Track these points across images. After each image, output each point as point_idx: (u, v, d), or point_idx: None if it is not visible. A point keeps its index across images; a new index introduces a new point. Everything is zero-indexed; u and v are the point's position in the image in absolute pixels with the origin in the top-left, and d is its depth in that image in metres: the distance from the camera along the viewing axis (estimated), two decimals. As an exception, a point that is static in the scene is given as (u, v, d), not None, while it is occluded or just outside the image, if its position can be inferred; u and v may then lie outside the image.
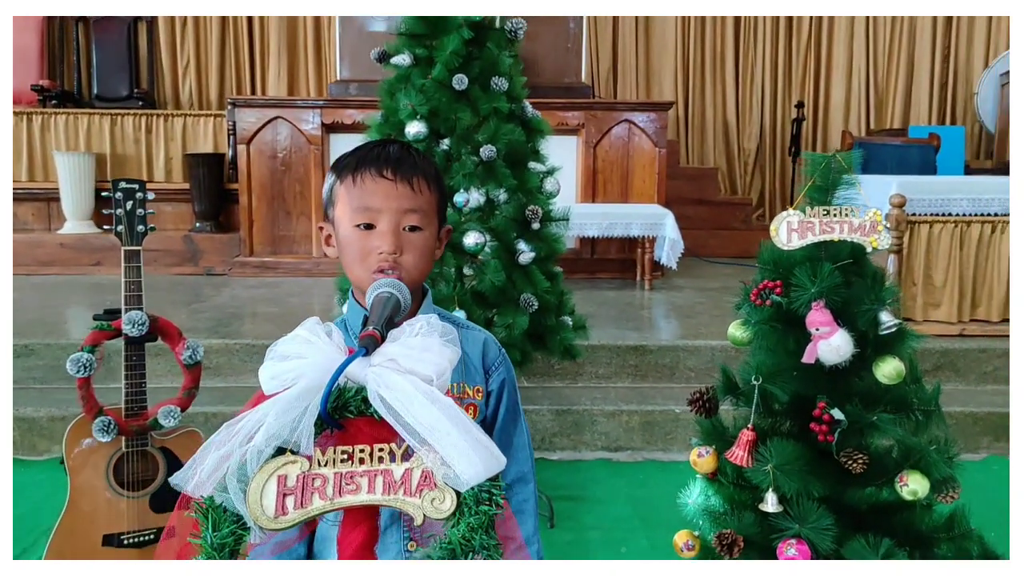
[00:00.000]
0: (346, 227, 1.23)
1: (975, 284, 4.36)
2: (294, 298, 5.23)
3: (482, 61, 3.03)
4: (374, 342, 0.95)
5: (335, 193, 1.26)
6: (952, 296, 4.33)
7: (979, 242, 4.29)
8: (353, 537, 0.88)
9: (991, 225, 4.29)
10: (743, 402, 1.69)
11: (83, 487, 2.23)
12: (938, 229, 4.28)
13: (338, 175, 1.25)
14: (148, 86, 7.57)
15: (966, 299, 4.35)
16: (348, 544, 0.88)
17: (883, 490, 1.65)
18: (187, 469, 0.90)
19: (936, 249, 4.30)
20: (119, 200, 2.30)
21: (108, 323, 2.25)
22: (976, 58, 8.17)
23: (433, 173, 1.27)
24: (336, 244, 1.28)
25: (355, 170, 1.22)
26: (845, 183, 1.62)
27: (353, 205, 1.22)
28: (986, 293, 4.37)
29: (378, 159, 1.23)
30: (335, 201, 1.26)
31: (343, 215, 1.23)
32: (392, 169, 1.22)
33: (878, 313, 1.57)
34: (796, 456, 1.52)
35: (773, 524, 1.57)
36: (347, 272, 1.26)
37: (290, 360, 0.94)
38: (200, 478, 0.88)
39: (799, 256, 1.65)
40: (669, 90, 8.04)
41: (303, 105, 5.93)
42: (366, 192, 1.21)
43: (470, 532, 0.82)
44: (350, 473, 0.88)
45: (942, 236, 4.28)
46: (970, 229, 4.31)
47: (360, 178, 1.22)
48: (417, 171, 1.23)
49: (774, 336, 1.62)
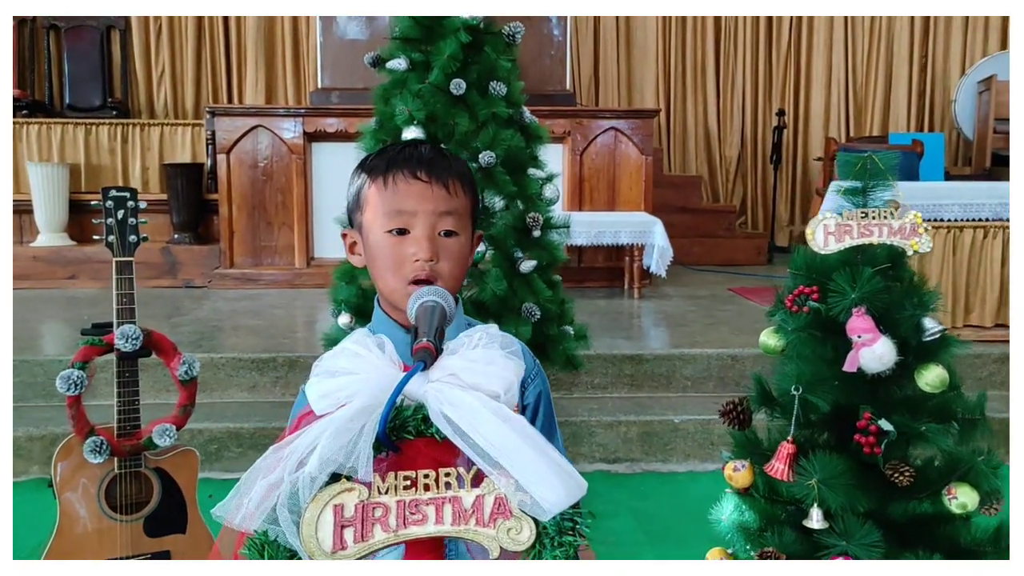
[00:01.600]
0: (377, 233, 1.14)
1: (968, 289, 4.35)
2: (278, 310, 5.11)
3: (480, 65, 2.97)
4: (431, 355, 0.86)
5: (363, 197, 1.17)
6: (945, 301, 4.31)
7: (971, 247, 4.28)
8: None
9: (983, 230, 4.28)
10: (778, 413, 1.62)
11: (73, 511, 2.12)
12: (930, 234, 4.25)
13: (367, 177, 1.17)
14: (122, 95, 7.41)
15: (959, 304, 4.34)
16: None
17: (924, 503, 1.58)
18: (231, 499, 0.81)
19: (928, 254, 4.27)
20: (110, 209, 2.20)
21: (99, 338, 2.14)
22: (953, 66, 8.23)
23: (467, 175, 1.19)
24: (364, 252, 1.20)
25: (386, 171, 1.14)
26: (883, 184, 1.56)
27: (385, 209, 1.13)
28: (979, 298, 4.36)
29: (411, 159, 1.14)
30: (363, 206, 1.17)
31: (373, 220, 1.15)
32: (426, 170, 1.13)
33: (921, 319, 1.51)
34: (842, 470, 1.45)
35: (817, 541, 1.50)
36: (377, 281, 1.17)
37: (339, 377, 0.85)
38: (248, 509, 0.79)
39: (834, 261, 1.59)
40: (651, 98, 8.02)
41: (284, 113, 5.82)
42: (399, 195, 1.13)
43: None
44: (414, 501, 0.79)
45: (934, 241, 4.27)
46: (962, 234, 4.30)
47: (392, 180, 1.13)
48: (452, 172, 1.15)
49: (812, 344, 1.55)
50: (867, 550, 1.45)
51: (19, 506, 3.23)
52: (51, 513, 2.16)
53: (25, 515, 3.15)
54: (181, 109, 7.59)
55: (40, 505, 3.19)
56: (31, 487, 3.42)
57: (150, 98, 7.61)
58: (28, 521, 3.10)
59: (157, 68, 7.59)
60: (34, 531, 2.88)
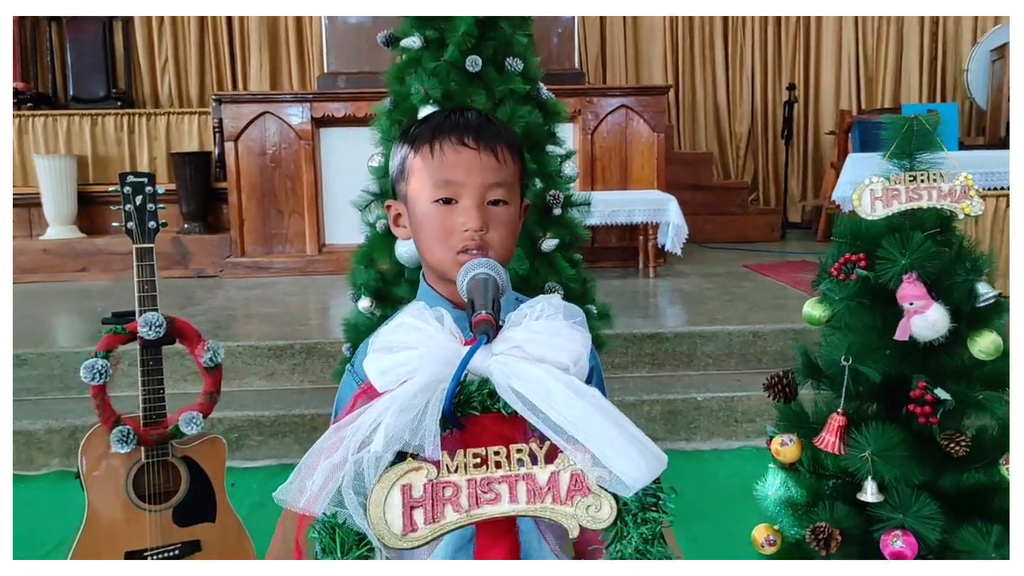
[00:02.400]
0: (424, 203, 1.10)
1: (990, 257, 4.29)
2: (291, 297, 5.08)
3: (495, 41, 2.90)
4: (491, 328, 0.82)
5: (408, 167, 1.12)
6: (998, 265, 4.26)
7: (994, 216, 4.22)
8: (495, 554, 0.75)
9: (1005, 199, 4.22)
10: (825, 385, 1.58)
11: (102, 502, 2.09)
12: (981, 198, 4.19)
13: (411, 146, 1.12)
14: (126, 85, 7.36)
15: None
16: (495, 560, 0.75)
17: (978, 474, 1.54)
18: (292, 482, 0.77)
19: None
20: (128, 195, 2.15)
21: (122, 326, 2.10)
22: (964, 34, 8.13)
23: (516, 142, 1.14)
24: (409, 223, 1.15)
25: (432, 139, 1.09)
26: (931, 146, 1.51)
27: (432, 179, 1.09)
28: (1001, 268, 4.30)
29: (457, 126, 1.09)
30: (408, 176, 1.13)
31: (419, 190, 1.10)
32: (474, 137, 1.09)
33: (974, 284, 1.47)
34: (897, 441, 1.41)
35: (871, 515, 1.46)
36: (424, 253, 1.13)
37: (398, 352, 0.81)
38: (312, 492, 0.75)
39: (881, 227, 1.54)
40: (659, 75, 7.93)
41: (291, 99, 5.76)
42: (446, 163, 1.08)
43: (644, 544, 0.70)
44: (486, 480, 0.75)
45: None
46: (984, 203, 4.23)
47: (439, 148, 1.08)
48: (500, 139, 1.10)
49: (861, 313, 1.51)
50: (923, 522, 1.41)
51: (40, 499, 3.22)
52: (74, 506, 2.13)
53: (47, 508, 3.13)
54: (186, 98, 7.54)
55: (62, 498, 3.18)
56: (52, 480, 3.40)
57: (154, 87, 7.56)
58: (51, 514, 3.08)
59: (160, 58, 7.53)
60: (59, 524, 2.86)
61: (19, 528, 2.85)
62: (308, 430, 3.61)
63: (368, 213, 3.07)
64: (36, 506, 3.15)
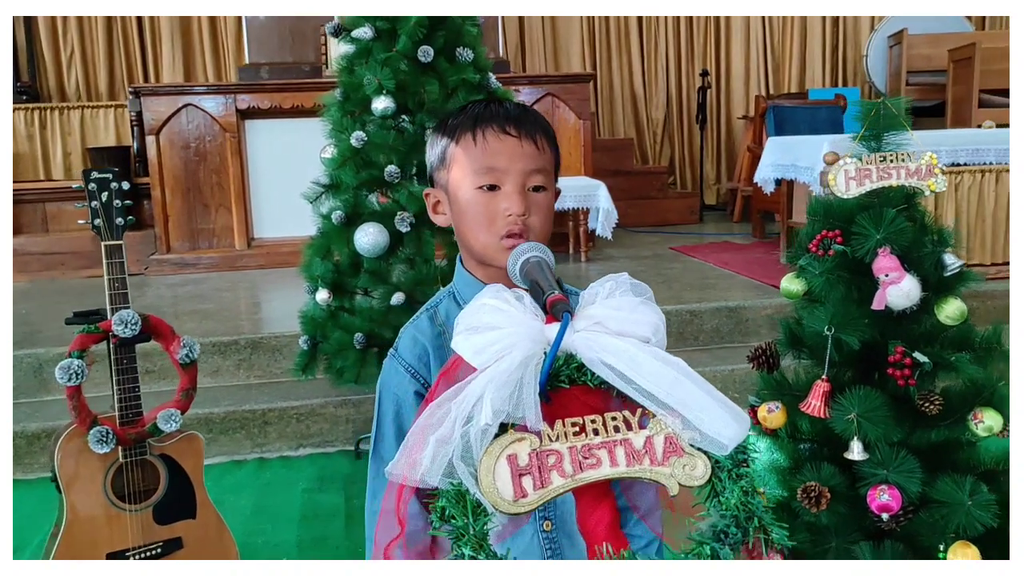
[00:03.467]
0: (467, 190, 1.14)
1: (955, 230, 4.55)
2: (225, 293, 4.99)
3: (446, 32, 2.94)
4: (568, 306, 0.88)
5: (449, 155, 1.17)
6: (961, 237, 4.49)
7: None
8: (599, 516, 0.81)
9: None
10: (806, 355, 1.68)
11: (80, 504, 2.05)
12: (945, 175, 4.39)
13: (452, 136, 1.16)
14: (29, 78, 7.06)
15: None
16: (597, 524, 0.81)
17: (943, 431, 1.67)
18: (400, 459, 0.81)
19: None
20: (93, 192, 2.11)
21: (95, 325, 2.07)
22: (863, 22, 8.50)
23: (551, 131, 1.20)
24: (449, 210, 1.19)
25: (475, 128, 1.14)
26: (896, 128, 1.62)
27: (475, 166, 1.13)
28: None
29: (498, 116, 1.14)
30: (449, 164, 1.17)
31: (462, 177, 1.15)
32: (515, 126, 1.14)
33: (941, 255, 1.59)
34: (879, 403, 1.52)
35: (856, 473, 1.57)
36: (466, 238, 1.17)
37: (485, 332, 0.86)
38: (424, 466, 0.79)
39: (853, 205, 1.65)
40: (577, 65, 8.06)
41: (215, 91, 5.64)
42: (489, 151, 1.13)
43: (745, 497, 0.76)
44: (586, 446, 0.81)
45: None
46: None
47: (482, 136, 1.13)
48: (539, 128, 1.16)
49: (839, 286, 1.62)
50: (905, 476, 1.53)
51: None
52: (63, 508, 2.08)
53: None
54: (95, 91, 7.27)
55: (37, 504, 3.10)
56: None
57: (60, 81, 7.26)
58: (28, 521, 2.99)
59: (66, 50, 7.24)
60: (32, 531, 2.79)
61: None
62: (260, 424, 3.58)
63: (320, 204, 3.06)
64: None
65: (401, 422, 1.16)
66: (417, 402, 1.14)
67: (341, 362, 2.93)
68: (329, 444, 3.61)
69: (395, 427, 1.16)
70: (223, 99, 5.57)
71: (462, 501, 0.76)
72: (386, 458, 1.14)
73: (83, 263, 5.62)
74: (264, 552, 2.74)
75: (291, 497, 3.19)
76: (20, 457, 3.40)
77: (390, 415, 1.17)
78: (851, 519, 1.60)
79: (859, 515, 1.60)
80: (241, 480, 3.33)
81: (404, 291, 2.84)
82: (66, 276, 5.53)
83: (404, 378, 1.17)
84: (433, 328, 1.20)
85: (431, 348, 1.18)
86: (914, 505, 1.55)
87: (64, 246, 5.61)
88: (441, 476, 0.79)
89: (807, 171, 4.68)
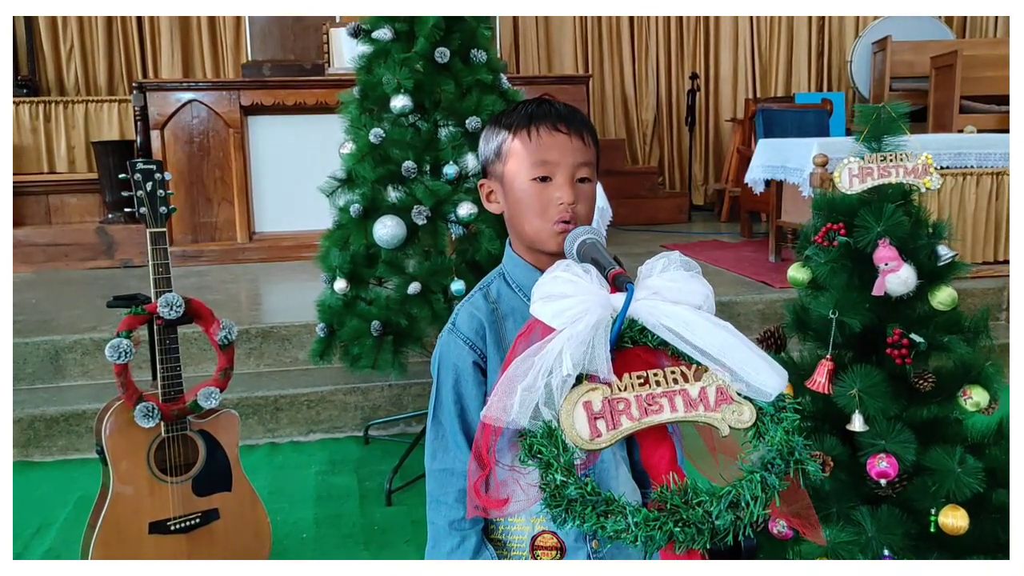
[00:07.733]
0: (522, 180, 1.28)
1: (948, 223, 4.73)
2: (230, 284, 5.10)
3: (461, 34, 3.08)
4: (629, 279, 1.03)
5: (506, 149, 1.30)
6: (954, 231, 4.66)
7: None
8: (661, 454, 0.96)
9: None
10: (811, 336, 1.84)
11: (126, 476, 2.18)
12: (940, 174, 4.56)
13: (509, 131, 1.30)
14: (29, 72, 7.13)
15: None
16: (659, 460, 0.96)
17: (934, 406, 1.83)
18: (493, 404, 0.95)
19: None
20: (138, 181, 2.24)
21: (141, 307, 2.20)
22: (848, 29, 8.71)
23: (593, 130, 1.34)
24: (503, 199, 1.33)
25: (530, 125, 1.28)
26: (895, 130, 1.78)
27: (530, 159, 1.27)
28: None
29: (550, 114, 1.28)
30: (505, 157, 1.31)
31: (518, 169, 1.29)
32: (566, 123, 1.28)
33: (936, 247, 1.75)
34: (880, 380, 1.68)
35: (858, 443, 1.73)
36: (519, 225, 1.31)
37: (558, 300, 1.01)
38: (516, 410, 0.93)
39: (854, 200, 1.81)
40: (570, 66, 8.21)
41: (220, 87, 5.74)
42: (543, 146, 1.27)
43: (787, 436, 0.91)
44: (650, 395, 0.96)
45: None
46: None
47: (536, 132, 1.27)
48: (585, 126, 1.30)
49: (843, 274, 1.77)
50: (901, 446, 1.68)
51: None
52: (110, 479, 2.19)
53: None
54: (94, 85, 7.35)
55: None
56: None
57: (60, 74, 7.33)
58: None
59: (66, 44, 7.31)
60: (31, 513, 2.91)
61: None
62: (272, 411, 3.71)
63: (336, 198, 3.19)
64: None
65: (460, 390, 1.27)
66: (475, 371, 1.27)
67: (358, 349, 3.06)
68: (338, 430, 3.75)
69: (454, 394, 1.28)
70: (227, 95, 5.67)
71: (553, 437, 0.90)
72: (444, 423, 1.28)
73: (86, 255, 5.71)
74: (283, 528, 2.87)
75: (305, 479, 3.32)
76: (39, 440, 3.51)
77: (449, 383, 1.28)
78: (851, 486, 1.76)
79: (858, 482, 1.75)
80: (255, 463, 3.45)
81: (420, 281, 2.97)
82: (69, 267, 5.62)
83: (463, 350, 1.29)
84: (487, 304, 1.33)
85: (487, 323, 1.31)
86: (908, 473, 1.71)
87: (67, 238, 5.70)
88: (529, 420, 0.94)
89: (796, 172, 4.86)
